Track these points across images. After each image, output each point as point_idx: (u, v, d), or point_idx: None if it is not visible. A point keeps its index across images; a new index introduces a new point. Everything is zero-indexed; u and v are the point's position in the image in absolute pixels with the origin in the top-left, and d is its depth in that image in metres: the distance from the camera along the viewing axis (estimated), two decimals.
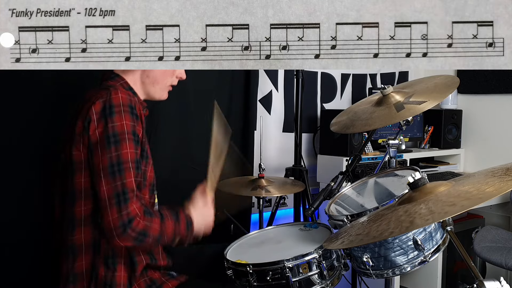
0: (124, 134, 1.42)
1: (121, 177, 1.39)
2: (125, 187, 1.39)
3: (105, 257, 1.48)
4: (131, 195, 1.39)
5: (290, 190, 2.47)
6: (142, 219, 1.39)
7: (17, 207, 1.96)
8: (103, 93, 1.46)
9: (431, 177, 2.59)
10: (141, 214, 1.39)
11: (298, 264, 1.61)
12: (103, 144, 1.41)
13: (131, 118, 1.44)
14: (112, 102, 1.43)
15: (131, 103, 1.46)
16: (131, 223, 1.37)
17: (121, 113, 1.43)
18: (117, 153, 1.40)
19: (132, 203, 1.38)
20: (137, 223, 1.38)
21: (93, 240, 1.48)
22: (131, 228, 1.37)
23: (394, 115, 1.79)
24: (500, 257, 2.53)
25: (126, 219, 1.37)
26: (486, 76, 3.42)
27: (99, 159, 1.41)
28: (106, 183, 1.39)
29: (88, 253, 1.48)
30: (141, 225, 1.39)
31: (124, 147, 1.41)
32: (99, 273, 1.48)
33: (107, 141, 1.41)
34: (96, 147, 1.42)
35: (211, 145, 1.79)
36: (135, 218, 1.38)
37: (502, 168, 1.28)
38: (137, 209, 1.39)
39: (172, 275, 1.62)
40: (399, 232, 1.15)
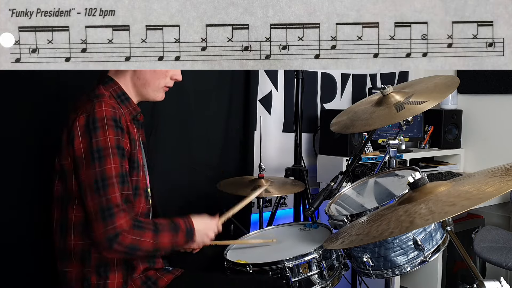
0: (108, 149, 1.42)
1: (106, 192, 1.40)
2: (109, 202, 1.39)
3: (96, 265, 1.49)
4: (116, 210, 1.39)
5: (290, 190, 2.47)
6: (129, 233, 1.39)
7: (17, 208, 1.96)
8: (88, 105, 1.46)
9: (431, 177, 2.59)
10: (129, 228, 1.40)
11: (298, 264, 1.61)
12: (87, 159, 1.42)
13: (115, 131, 1.44)
14: (96, 116, 1.43)
15: (115, 116, 1.46)
16: (117, 237, 1.38)
17: (104, 128, 1.43)
18: (101, 168, 1.41)
19: (118, 218, 1.38)
20: (123, 237, 1.38)
21: (82, 249, 1.49)
22: (117, 242, 1.38)
23: (394, 115, 1.79)
24: (500, 257, 2.53)
25: (112, 234, 1.37)
26: (486, 76, 3.42)
27: (84, 174, 1.43)
28: (92, 198, 1.41)
29: (77, 261, 1.49)
30: (128, 239, 1.39)
31: (108, 162, 1.42)
32: (91, 282, 1.49)
33: (91, 157, 1.42)
34: (81, 161, 1.43)
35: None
36: (121, 233, 1.38)
37: (502, 168, 1.28)
38: (124, 224, 1.39)
39: (168, 269, 1.62)
40: (399, 232, 1.15)
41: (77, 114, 1.46)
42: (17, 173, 1.96)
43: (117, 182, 1.42)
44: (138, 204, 1.54)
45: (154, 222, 1.50)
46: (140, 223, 1.44)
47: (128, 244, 1.39)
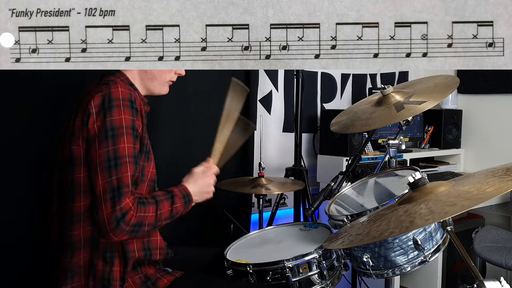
0: (123, 128, 1.41)
1: (117, 171, 1.39)
2: (120, 182, 1.38)
3: (103, 251, 1.48)
4: (126, 190, 1.38)
5: (290, 188, 2.47)
6: (135, 211, 1.39)
7: (17, 207, 1.96)
8: (102, 87, 1.45)
9: (431, 177, 2.59)
10: (134, 207, 1.39)
11: (298, 264, 1.61)
12: (100, 137, 1.41)
13: (131, 112, 1.44)
14: (112, 96, 1.42)
15: (131, 97, 1.45)
16: (125, 217, 1.37)
17: (120, 107, 1.42)
18: (114, 147, 1.40)
19: (125, 198, 1.37)
20: (130, 216, 1.38)
21: (91, 235, 1.48)
22: (124, 222, 1.37)
23: (394, 115, 1.79)
24: (500, 257, 2.53)
25: (119, 214, 1.36)
26: (486, 76, 3.42)
27: (96, 153, 1.41)
28: (102, 177, 1.39)
29: (86, 249, 1.48)
30: (134, 218, 1.38)
31: (121, 141, 1.40)
32: (97, 268, 1.48)
33: (104, 135, 1.40)
34: (94, 140, 1.42)
35: (222, 114, 1.77)
36: (128, 212, 1.37)
37: (502, 168, 1.28)
38: (130, 203, 1.38)
39: (167, 270, 1.62)
40: (399, 232, 1.15)
41: (91, 96, 1.44)
42: (16, 172, 1.96)
43: (130, 162, 1.41)
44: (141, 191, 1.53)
45: (152, 195, 1.49)
46: (142, 199, 1.44)
47: (135, 222, 1.39)
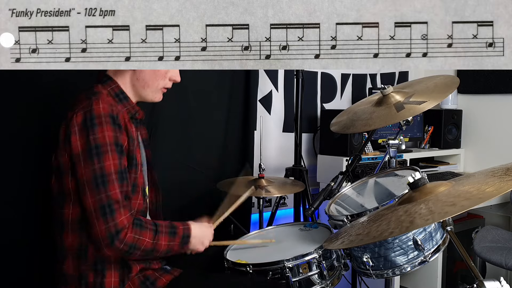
0: (106, 145, 1.42)
1: (106, 189, 1.40)
2: (110, 199, 1.39)
3: (94, 262, 1.49)
4: (117, 207, 1.39)
5: (290, 190, 2.47)
6: (130, 231, 1.39)
7: (16, 207, 1.96)
8: (85, 103, 1.46)
9: (431, 177, 2.59)
10: (129, 226, 1.40)
11: (298, 264, 1.61)
12: (85, 156, 1.42)
13: (113, 128, 1.44)
14: (93, 113, 1.43)
15: (112, 113, 1.46)
16: (119, 234, 1.38)
17: (102, 124, 1.43)
18: (100, 165, 1.41)
19: (119, 214, 1.38)
20: (124, 234, 1.38)
21: (79, 246, 1.49)
22: (118, 239, 1.38)
23: (394, 115, 1.79)
24: (500, 257, 2.53)
25: (113, 231, 1.37)
26: (486, 76, 3.42)
27: (82, 171, 1.42)
28: (91, 195, 1.40)
29: (74, 258, 1.49)
30: (128, 237, 1.39)
31: (107, 159, 1.41)
32: (88, 280, 1.48)
33: (89, 154, 1.41)
34: (78, 159, 1.43)
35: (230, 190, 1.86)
36: (122, 229, 1.38)
37: (502, 168, 1.28)
38: (125, 220, 1.39)
39: (166, 269, 1.62)
40: (399, 232, 1.15)
41: (74, 111, 1.46)
42: (14, 173, 1.96)
43: (116, 179, 1.42)
44: (135, 201, 1.53)
45: (154, 222, 1.50)
46: (140, 222, 1.44)
47: (129, 242, 1.39)
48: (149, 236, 1.44)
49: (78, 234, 1.48)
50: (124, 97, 1.58)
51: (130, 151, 1.51)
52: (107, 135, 1.43)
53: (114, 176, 1.41)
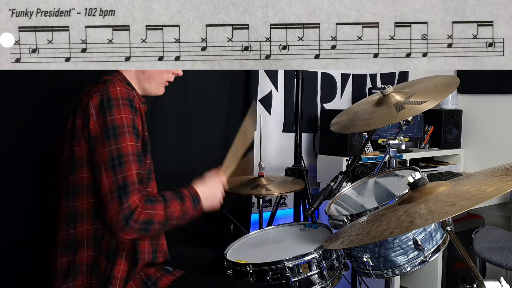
0: (124, 127, 1.42)
1: (122, 170, 1.39)
2: (126, 180, 1.38)
3: (107, 250, 1.48)
4: (132, 188, 1.38)
5: (290, 188, 2.47)
6: (143, 208, 1.38)
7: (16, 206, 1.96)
8: (100, 87, 1.46)
9: (431, 177, 2.59)
10: (142, 204, 1.38)
11: (298, 264, 1.61)
12: (102, 137, 1.41)
13: (130, 111, 1.44)
14: (110, 96, 1.43)
15: (129, 96, 1.45)
16: (133, 215, 1.36)
17: (119, 106, 1.42)
18: (117, 146, 1.40)
19: (132, 195, 1.37)
20: (138, 214, 1.37)
21: (94, 234, 1.48)
22: (133, 220, 1.36)
23: (394, 115, 1.79)
24: (500, 257, 2.53)
25: (127, 212, 1.36)
26: (486, 76, 3.42)
27: (100, 153, 1.41)
28: (107, 176, 1.39)
29: (90, 247, 1.48)
30: (143, 215, 1.38)
31: (124, 140, 1.41)
32: (101, 267, 1.48)
33: (106, 135, 1.40)
34: (96, 141, 1.42)
35: (238, 132, 1.78)
36: (136, 209, 1.37)
37: (502, 168, 1.28)
38: (137, 200, 1.38)
39: (168, 269, 1.62)
40: (399, 232, 1.15)
41: (90, 96, 1.45)
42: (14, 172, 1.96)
43: (134, 160, 1.41)
44: (152, 189, 1.53)
45: (161, 194, 1.49)
46: (150, 197, 1.43)
47: (143, 219, 1.38)
48: (160, 207, 1.43)
49: (93, 223, 1.47)
50: (132, 88, 1.58)
51: (144, 136, 1.51)
52: (124, 117, 1.42)
53: (131, 157, 1.41)
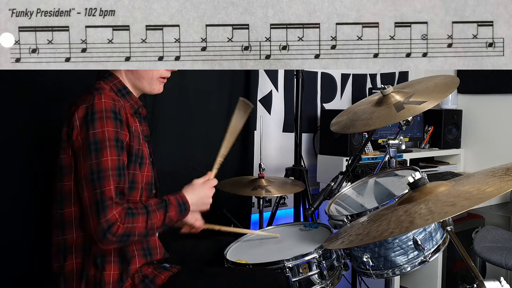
0: (105, 141, 1.42)
1: (100, 185, 1.40)
2: (103, 195, 1.39)
3: (94, 257, 1.50)
4: (109, 203, 1.39)
5: (290, 190, 2.47)
6: (122, 223, 1.39)
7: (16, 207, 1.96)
8: (87, 97, 1.47)
9: (431, 177, 2.59)
10: (122, 218, 1.40)
11: (298, 264, 1.61)
12: (84, 151, 1.43)
13: (114, 124, 1.45)
14: (95, 108, 1.44)
15: (114, 108, 1.46)
16: (111, 229, 1.38)
17: (102, 119, 1.43)
18: (97, 160, 1.41)
19: (110, 210, 1.38)
20: (116, 228, 1.38)
21: (82, 242, 1.50)
22: (110, 233, 1.38)
23: (394, 115, 1.79)
24: (500, 257, 2.53)
25: (105, 226, 1.37)
26: (486, 76, 3.42)
27: (81, 165, 1.43)
28: (87, 190, 1.41)
29: (78, 254, 1.50)
30: (121, 229, 1.39)
31: (104, 155, 1.42)
32: (89, 274, 1.49)
33: (88, 149, 1.42)
34: (79, 153, 1.44)
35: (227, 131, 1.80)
36: (114, 224, 1.38)
37: (502, 168, 1.28)
38: (117, 214, 1.39)
39: (165, 267, 1.62)
40: (399, 232, 1.15)
41: (77, 106, 1.46)
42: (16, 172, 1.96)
43: (113, 175, 1.42)
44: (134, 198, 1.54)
45: (144, 204, 1.49)
46: (131, 210, 1.44)
47: (122, 232, 1.39)
48: (141, 220, 1.44)
49: (81, 231, 1.49)
50: (126, 92, 1.58)
51: (131, 147, 1.51)
52: (107, 131, 1.43)
53: (110, 172, 1.42)
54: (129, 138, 1.50)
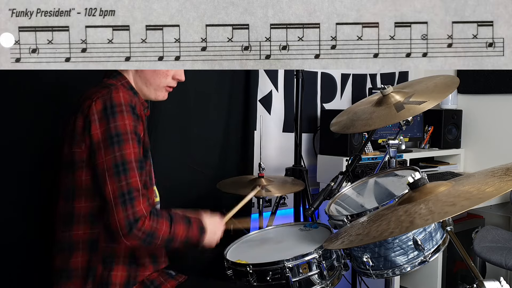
0: (127, 133, 1.42)
1: (126, 176, 1.39)
2: (130, 187, 1.39)
3: (103, 255, 1.48)
4: (136, 194, 1.39)
5: (290, 189, 2.47)
6: (148, 219, 1.39)
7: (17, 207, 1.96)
8: (103, 91, 1.46)
9: (431, 177, 2.59)
10: (147, 215, 1.39)
11: (298, 264, 1.61)
12: (106, 144, 1.41)
13: (133, 118, 1.45)
14: (114, 101, 1.43)
15: (132, 103, 1.46)
16: (137, 222, 1.37)
17: (123, 113, 1.43)
18: (121, 152, 1.41)
19: (138, 202, 1.38)
20: (142, 223, 1.38)
21: (90, 238, 1.48)
22: (137, 228, 1.37)
23: (394, 115, 1.79)
24: (500, 257, 2.53)
25: (132, 218, 1.37)
26: (486, 76, 3.42)
27: (102, 159, 1.41)
28: (111, 183, 1.39)
29: (84, 251, 1.48)
30: (147, 225, 1.39)
31: (127, 147, 1.41)
32: (97, 272, 1.48)
33: (110, 141, 1.41)
34: (99, 147, 1.42)
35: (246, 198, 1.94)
36: (141, 218, 1.38)
37: (502, 168, 1.28)
38: (144, 209, 1.39)
39: (171, 274, 1.62)
40: (399, 232, 1.15)
41: (92, 100, 1.44)
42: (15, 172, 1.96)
43: (137, 167, 1.42)
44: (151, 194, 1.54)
45: (168, 212, 1.50)
46: (156, 211, 1.44)
47: (147, 230, 1.39)
48: (166, 224, 1.44)
49: (90, 227, 1.47)
50: (134, 92, 1.58)
51: (145, 142, 1.51)
52: (127, 124, 1.42)
53: (134, 164, 1.41)
54: (143, 133, 1.50)
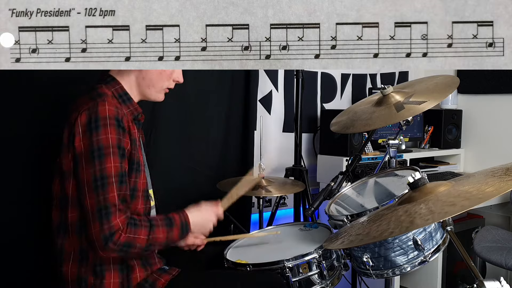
0: (109, 148, 1.42)
1: (104, 192, 1.40)
2: (107, 202, 1.40)
3: (93, 265, 1.49)
4: (113, 210, 1.39)
5: (290, 190, 2.47)
6: (124, 232, 1.40)
7: (17, 207, 1.96)
8: (90, 104, 1.46)
9: (431, 177, 2.59)
10: (124, 228, 1.40)
11: (298, 264, 1.61)
12: (87, 157, 1.42)
13: (117, 131, 1.45)
14: (98, 115, 1.43)
15: (117, 116, 1.46)
16: (113, 236, 1.38)
17: (106, 126, 1.43)
18: (101, 167, 1.41)
19: (114, 217, 1.39)
20: (118, 236, 1.39)
21: (80, 248, 1.49)
22: (112, 241, 1.38)
23: (394, 115, 1.79)
24: (500, 257, 2.52)
25: (107, 233, 1.38)
26: (486, 76, 3.42)
27: (83, 172, 1.43)
28: (90, 197, 1.41)
29: (74, 260, 1.50)
30: (122, 238, 1.39)
31: (108, 161, 1.42)
32: (88, 281, 1.49)
33: (91, 155, 1.42)
34: (80, 159, 1.43)
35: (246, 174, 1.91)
36: (116, 232, 1.39)
37: (502, 168, 1.28)
38: (120, 223, 1.39)
39: (164, 269, 1.62)
40: (399, 232, 1.15)
41: (79, 112, 1.46)
42: (16, 172, 1.96)
43: (116, 182, 1.42)
44: (135, 206, 1.54)
45: (149, 219, 1.50)
46: (135, 221, 1.44)
47: (123, 242, 1.40)
48: (143, 233, 1.44)
49: (78, 236, 1.48)
50: (127, 99, 1.58)
51: (132, 154, 1.51)
52: (110, 138, 1.43)
53: (113, 179, 1.42)
54: (130, 145, 1.50)
